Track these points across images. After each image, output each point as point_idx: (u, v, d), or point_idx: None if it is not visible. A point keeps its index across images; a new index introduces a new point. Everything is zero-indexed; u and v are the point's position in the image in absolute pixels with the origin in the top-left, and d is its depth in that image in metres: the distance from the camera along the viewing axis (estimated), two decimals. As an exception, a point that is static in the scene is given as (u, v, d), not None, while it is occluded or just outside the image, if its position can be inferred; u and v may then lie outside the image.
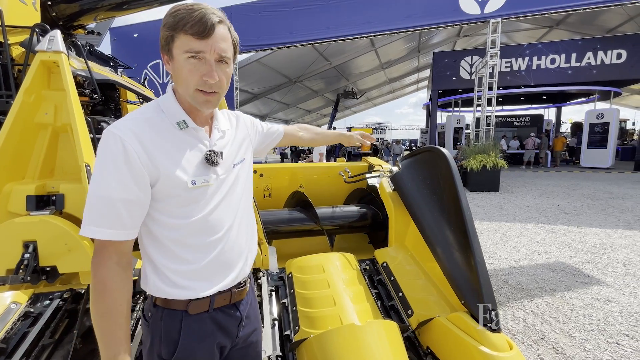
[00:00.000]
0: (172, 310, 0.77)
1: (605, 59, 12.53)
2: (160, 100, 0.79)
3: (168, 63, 0.75)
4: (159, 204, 0.74)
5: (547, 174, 11.71)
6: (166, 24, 0.71)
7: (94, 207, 0.68)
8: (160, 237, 0.75)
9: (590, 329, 2.18)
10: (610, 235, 4.40)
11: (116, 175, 0.67)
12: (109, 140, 0.68)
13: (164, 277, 0.76)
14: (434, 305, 1.76)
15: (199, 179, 0.76)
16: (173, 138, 0.75)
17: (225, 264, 0.82)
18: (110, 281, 0.68)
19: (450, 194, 1.80)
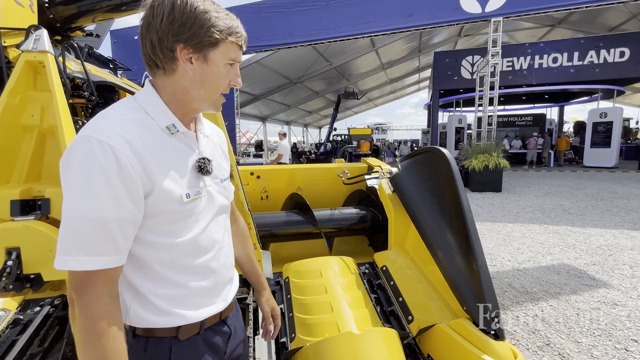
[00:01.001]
0: (158, 338, 0.69)
1: (608, 57, 12.42)
2: (141, 99, 0.67)
3: (190, 62, 0.65)
4: (147, 220, 0.64)
5: (550, 174, 11.61)
6: (214, 27, 0.64)
7: (82, 232, 0.56)
8: (146, 259, 0.66)
9: (597, 334, 2.11)
10: (615, 236, 4.32)
11: (109, 192, 0.57)
12: (93, 149, 0.56)
13: (150, 304, 0.67)
14: (435, 311, 1.70)
15: (192, 190, 0.68)
16: (164, 144, 0.66)
17: (219, 284, 0.77)
18: (109, 319, 0.58)
19: (451, 196, 1.74)
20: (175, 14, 0.62)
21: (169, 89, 0.68)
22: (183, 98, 0.68)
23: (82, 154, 0.57)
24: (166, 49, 0.63)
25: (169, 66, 0.65)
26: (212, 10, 0.64)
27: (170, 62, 0.65)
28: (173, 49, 0.63)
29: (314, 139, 32.60)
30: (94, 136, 0.57)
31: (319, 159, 16.22)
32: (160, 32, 0.63)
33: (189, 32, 0.63)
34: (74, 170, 0.57)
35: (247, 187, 2.59)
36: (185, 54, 0.64)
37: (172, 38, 0.63)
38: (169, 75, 0.67)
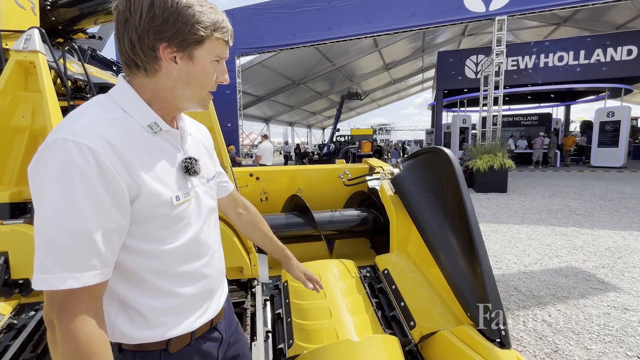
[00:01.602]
0: (146, 352, 0.64)
1: (615, 55, 12.23)
2: (116, 97, 0.61)
3: (175, 61, 0.60)
4: (135, 227, 0.59)
5: (556, 174, 11.44)
6: (198, 23, 0.59)
7: (62, 246, 0.50)
8: (136, 269, 0.60)
9: (608, 341, 2.04)
10: (625, 237, 4.21)
11: (92, 200, 0.51)
12: (70, 152, 0.50)
13: (138, 318, 0.62)
14: (438, 317, 1.65)
15: (181, 192, 0.64)
16: (148, 144, 0.61)
17: (211, 291, 0.73)
18: (96, 341, 0.51)
19: (454, 197, 1.68)
20: (156, 9, 0.56)
21: (149, 88, 0.62)
22: (166, 97, 0.64)
23: (57, 159, 0.50)
24: (147, 48, 0.58)
25: (150, 66, 0.60)
26: (195, 4, 0.59)
27: (152, 61, 0.60)
28: (155, 48, 0.58)
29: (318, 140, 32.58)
30: (69, 138, 0.51)
31: (323, 159, 16.17)
32: (140, 30, 0.57)
33: (171, 29, 0.57)
34: (49, 177, 0.50)
35: (246, 188, 2.55)
36: (169, 53, 0.59)
37: (153, 36, 0.57)
38: (151, 76, 0.61)
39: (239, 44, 10.56)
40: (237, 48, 10.58)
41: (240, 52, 10.68)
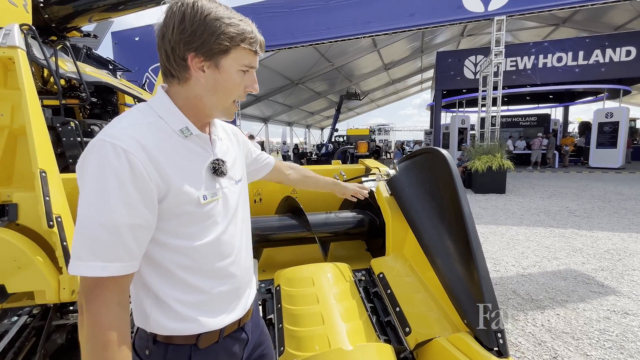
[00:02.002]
0: (178, 345, 0.67)
1: (613, 56, 12.23)
2: (154, 104, 0.67)
3: (202, 70, 0.65)
4: (165, 223, 0.63)
5: (555, 175, 11.42)
6: (224, 34, 0.63)
7: (95, 237, 0.55)
8: (166, 264, 0.65)
9: (608, 347, 1.99)
10: (624, 239, 4.17)
11: (122, 197, 0.56)
12: (107, 153, 0.56)
13: (170, 311, 0.66)
14: (435, 323, 1.59)
15: (209, 192, 0.68)
16: (179, 147, 0.65)
17: (238, 289, 0.76)
18: (117, 329, 0.56)
19: (451, 199, 1.63)
20: (186, 22, 0.62)
21: (182, 95, 0.67)
22: (196, 104, 0.68)
23: (96, 159, 0.56)
24: (179, 58, 0.64)
25: (182, 75, 0.65)
26: (224, 17, 0.63)
27: (183, 70, 0.65)
28: (185, 57, 0.63)
29: (316, 140, 32.52)
30: (107, 140, 0.57)
31: (321, 160, 16.12)
32: (173, 42, 0.63)
33: (199, 40, 0.62)
34: (89, 175, 0.57)
35: (239, 189, 2.50)
36: (197, 63, 0.64)
37: (183, 47, 0.63)
38: (183, 84, 0.66)
39: (237, 44, 10.49)
40: (235, 47, 10.51)
41: (238, 52, 10.61)
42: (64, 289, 1.22)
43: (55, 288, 1.21)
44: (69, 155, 3.55)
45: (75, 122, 3.64)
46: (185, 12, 0.62)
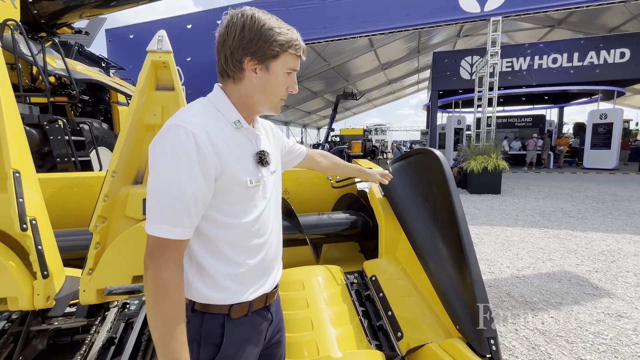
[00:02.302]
0: (213, 314, 0.77)
1: (608, 58, 12.31)
2: (213, 99, 0.78)
3: (255, 72, 0.75)
4: (216, 200, 0.73)
5: (549, 175, 11.48)
6: (275, 42, 0.73)
7: (167, 204, 0.66)
8: (213, 237, 0.75)
9: (602, 350, 1.97)
10: (618, 240, 4.18)
11: (190, 172, 0.66)
12: (179, 135, 0.67)
13: (210, 280, 0.76)
14: (427, 328, 1.55)
15: (254, 178, 0.77)
16: (232, 136, 0.76)
17: (268, 267, 0.85)
18: (174, 283, 0.67)
19: (444, 202, 1.60)
20: (245, 31, 0.72)
21: (235, 94, 0.78)
22: (247, 102, 0.78)
23: (170, 139, 0.67)
24: (236, 61, 0.74)
25: (237, 75, 0.76)
26: (275, 27, 0.73)
27: (238, 72, 0.75)
28: (241, 61, 0.74)
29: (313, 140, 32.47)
30: (180, 124, 0.67)
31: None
32: (232, 47, 0.73)
33: (255, 46, 0.73)
34: (164, 152, 0.67)
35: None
36: (251, 65, 0.74)
37: (241, 52, 0.73)
38: (237, 83, 0.77)
39: (233, 42, 10.41)
40: (231, 46, 10.44)
41: (234, 50, 10.53)
42: (38, 295, 1.16)
43: (29, 294, 1.15)
44: (56, 154, 3.47)
45: (64, 120, 3.57)
46: (245, 23, 0.72)
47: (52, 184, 2.13)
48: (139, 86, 1.30)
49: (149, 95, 1.37)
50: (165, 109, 1.40)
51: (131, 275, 1.20)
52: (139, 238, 1.22)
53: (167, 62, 1.34)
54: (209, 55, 10.64)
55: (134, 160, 1.36)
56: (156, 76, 1.39)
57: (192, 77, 11.06)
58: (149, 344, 1.48)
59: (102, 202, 1.18)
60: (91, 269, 1.18)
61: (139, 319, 1.59)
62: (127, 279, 1.20)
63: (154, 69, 1.37)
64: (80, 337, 1.52)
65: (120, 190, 1.27)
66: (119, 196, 1.27)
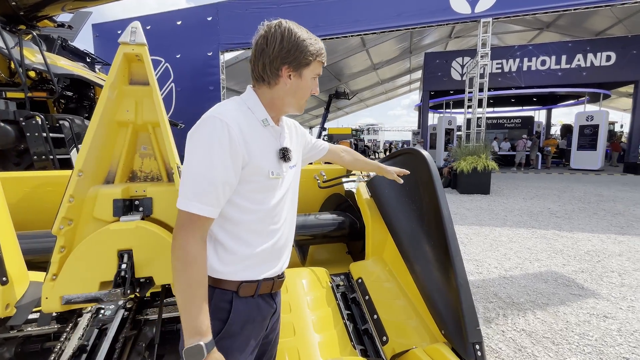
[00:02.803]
0: (223, 290, 0.83)
1: (594, 61, 12.56)
2: (245, 99, 0.87)
3: (289, 78, 0.85)
4: (241, 186, 0.81)
5: (537, 176, 11.65)
6: (309, 52, 0.83)
7: (200, 185, 0.74)
8: (232, 218, 0.82)
9: (587, 352, 1.97)
10: (603, 240, 4.23)
11: (222, 159, 0.75)
12: (215, 125, 0.76)
13: (225, 257, 0.83)
14: (412, 332, 1.52)
15: (275, 170, 0.85)
16: (260, 132, 0.84)
17: (277, 252, 0.91)
18: (199, 254, 0.75)
19: (431, 203, 1.56)
20: (284, 43, 0.81)
21: (267, 96, 0.87)
22: (277, 103, 0.88)
23: (207, 128, 0.76)
24: (274, 69, 0.83)
25: (273, 81, 0.85)
26: (307, 39, 0.84)
27: (275, 78, 0.84)
28: (279, 68, 0.83)
29: (305, 139, 32.24)
30: (217, 116, 0.77)
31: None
32: (272, 57, 0.82)
33: (292, 56, 0.82)
34: (201, 139, 0.76)
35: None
36: (287, 72, 0.84)
37: (280, 61, 0.82)
38: (272, 87, 0.86)
39: (224, 39, 10.28)
40: (222, 43, 10.30)
41: (225, 48, 10.39)
42: None
43: None
44: (33, 151, 3.34)
45: (41, 116, 3.43)
46: (283, 35, 0.81)
47: (25, 183, 2.04)
48: (110, 80, 1.23)
49: (121, 89, 1.29)
50: (140, 105, 1.33)
51: (99, 281, 1.12)
52: (109, 241, 1.15)
53: (141, 55, 1.27)
54: (199, 52, 10.46)
55: (105, 159, 1.29)
56: (129, 70, 1.32)
57: (181, 75, 10.88)
58: (124, 350, 1.41)
59: (68, 203, 1.11)
60: (55, 275, 1.11)
61: (113, 324, 1.53)
62: (94, 285, 1.12)
63: (127, 62, 1.30)
64: (51, 344, 1.45)
65: (89, 190, 1.20)
66: (87, 197, 1.19)
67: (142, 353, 1.43)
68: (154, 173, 1.39)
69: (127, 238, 1.15)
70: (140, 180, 1.37)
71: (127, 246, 1.15)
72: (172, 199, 1.30)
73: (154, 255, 1.18)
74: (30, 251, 1.59)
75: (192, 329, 0.71)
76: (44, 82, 4.23)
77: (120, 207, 1.20)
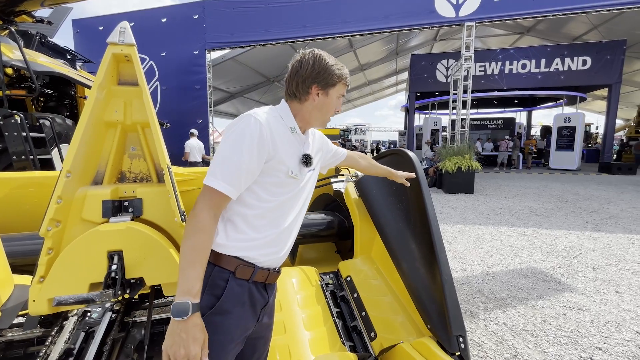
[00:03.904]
0: (221, 268, 0.89)
1: (572, 65, 13.08)
2: (278, 109, 1.00)
3: (317, 95, 0.99)
4: (263, 177, 0.92)
5: (519, 176, 12.04)
6: (335, 75, 0.98)
7: (228, 167, 0.85)
8: (248, 203, 0.92)
9: (564, 342, 2.07)
10: (579, 237, 4.43)
11: (250, 150, 0.86)
12: (251, 122, 0.88)
13: (231, 234, 0.91)
14: (400, 328, 1.57)
15: (295, 171, 0.96)
16: (287, 137, 0.96)
17: (279, 244, 0.97)
18: (209, 225, 0.83)
19: (417, 202, 1.62)
20: (315, 66, 0.97)
21: (297, 109, 1.01)
22: (305, 116, 1.01)
23: (243, 123, 0.89)
24: (305, 87, 0.98)
25: (303, 97, 0.99)
26: (334, 64, 0.99)
27: (305, 95, 0.99)
28: (310, 87, 0.98)
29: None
30: (252, 115, 0.90)
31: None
32: (304, 77, 0.97)
33: (321, 77, 0.97)
34: (235, 131, 0.88)
35: (201, 190, 2.36)
36: (315, 90, 0.98)
37: (311, 80, 0.97)
38: (302, 103, 1.00)
39: (210, 38, 10.15)
40: (208, 42, 10.17)
41: (211, 47, 10.26)
42: None
43: None
44: (12, 151, 3.22)
45: (21, 115, 3.32)
46: (315, 60, 0.97)
47: (4, 184, 1.98)
48: (98, 80, 1.22)
49: (110, 90, 1.29)
50: (129, 105, 1.32)
51: (88, 282, 1.12)
52: (98, 242, 1.15)
53: (129, 56, 1.27)
54: (185, 50, 10.30)
55: (93, 159, 1.28)
56: (118, 70, 1.31)
57: (167, 73, 10.68)
58: (112, 353, 1.40)
59: (55, 204, 1.10)
60: (42, 277, 1.09)
61: (100, 327, 1.51)
62: (83, 286, 1.12)
63: (116, 63, 1.29)
64: (35, 349, 1.42)
65: (77, 191, 1.19)
66: (75, 198, 1.18)
67: (131, 355, 1.42)
68: (143, 174, 1.39)
69: (117, 239, 1.15)
70: (130, 181, 1.37)
71: (117, 247, 1.15)
72: (162, 199, 1.30)
73: (144, 256, 1.18)
74: (13, 254, 1.55)
75: (185, 288, 0.77)
76: (22, 80, 4.08)
77: (110, 208, 1.20)
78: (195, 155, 8.14)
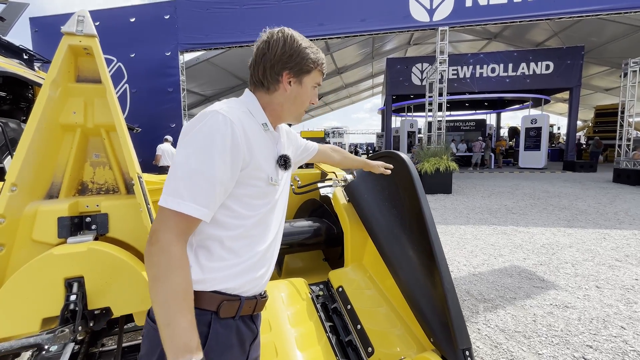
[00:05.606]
0: (201, 310, 0.71)
1: (536, 69, 13.83)
2: (246, 102, 0.82)
3: (290, 84, 0.82)
4: (237, 190, 0.75)
5: (492, 175, 12.49)
6: (310, 59, 0.82)
7: (197, 183, 0.66)
8: (224, 223, 0.75)
9: (556, 343, 2.07)
10: (554, 234, 4.59)
11: (222, 157, 0.68)
12: (218, 120, 0.70)
13: (206, 263, 0.74)
14: (398, 341, 1.47)
15: (273, 177, 0.81)
16: (260, 136, 0.80)
17: (266, 263, 0.84)
18: (184, 257, 0.67)
19: (412, 206, 1.53)
20: (286, 48, 0.79)
21: (266, 100, 0.83)
22: (277, 109, 0.84)
23: (209, 123, 0.70)
24: (274, 74, 0.80)
25: (272, 86, 0.82)
26: (308, 47, 0.82)
27: (274, 83, 0.81)
28: (280, 73, 0.80)
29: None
30: (220, 111, 0.71)
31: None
32: (273, 61, 0.80)
33: (293, 62, 0.80)
34: (200, 132, 0.69)
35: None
36: (287, 78, 0.81)
37: (281, 65, 0.80)
38: (271, 93, 0.83)
39: (183, 39, 9.78)
40: (181, 43, 9.79)
41: (184, 48, 9.89)
42: None
43: None
44: (-44, 160, 2.86)
45: (-35, 120, 2.95)
46: (285, 40, 0.79)
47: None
48: (51, 76, 1.04)
49: (66, 87, 1.10)
50: (90, 106, 1.14)
51: (40, 318, 0.93)
52: (53, 268, 0.96)
53: (90, 48, 1.09)
54: (156, 52, 9.84)
55: (46, 169, 1.08)
56: (76, 65, 1.13)
57: (136, 75, 10.15)
58: None
59: None
60: None
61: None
62: (34, 323, 0.93)
63: (73, 56, 1.11)
64: None
65: (25, 207, 1.00)
66: (24, 215, 0.99)
67: None
68: (109, 184, 1.21)
69: (77, 263, 0.97)
70: (93, 193, 1.18)
71: (77, 273, 0.97)
72: (132, 213, 1.13)
73: (110, 282, 1.01)
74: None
75: (181, 346, 0.60)
76: (-32, 80, 3.66)
77: (67, 226, 1.02)
78: (167, 159, 7.87)
